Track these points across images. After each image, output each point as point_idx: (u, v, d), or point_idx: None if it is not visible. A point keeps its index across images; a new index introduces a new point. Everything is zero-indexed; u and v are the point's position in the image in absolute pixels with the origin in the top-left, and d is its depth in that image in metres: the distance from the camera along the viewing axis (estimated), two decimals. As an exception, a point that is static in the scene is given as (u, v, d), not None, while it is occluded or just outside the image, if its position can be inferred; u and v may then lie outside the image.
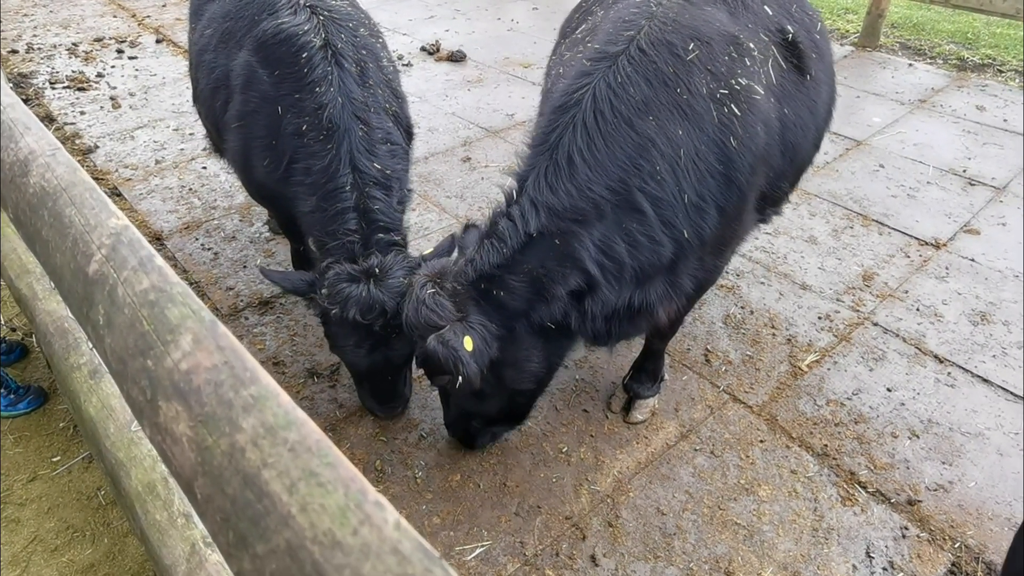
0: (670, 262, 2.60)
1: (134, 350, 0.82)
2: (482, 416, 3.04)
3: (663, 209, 2.47)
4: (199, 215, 5.08)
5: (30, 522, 2.99)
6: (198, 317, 0.83)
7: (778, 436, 3.43)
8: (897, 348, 3.96)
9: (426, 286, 2.61)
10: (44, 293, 2.30)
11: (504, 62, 7.79)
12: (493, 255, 2.50)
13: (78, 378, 1.96)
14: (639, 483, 3.18)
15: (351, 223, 2.94)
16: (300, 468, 0.67)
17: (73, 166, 1.16)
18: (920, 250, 4.79)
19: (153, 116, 6.58)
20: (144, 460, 1.69)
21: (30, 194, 1.12)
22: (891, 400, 3.62)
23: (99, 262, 0.94)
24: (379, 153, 3.06)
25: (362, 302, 2.79)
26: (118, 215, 1.03)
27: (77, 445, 3.33)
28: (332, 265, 2.91)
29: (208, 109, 3.57)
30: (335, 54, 3.08)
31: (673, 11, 2.60)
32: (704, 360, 3.87)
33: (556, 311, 2.58)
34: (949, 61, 7.94)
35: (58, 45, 8.23)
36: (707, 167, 2.48)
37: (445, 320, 2.51)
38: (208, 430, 0.74)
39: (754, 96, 2.56)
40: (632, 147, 2.41)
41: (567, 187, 2.41)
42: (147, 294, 0.86)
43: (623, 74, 2.43)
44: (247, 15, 3.35)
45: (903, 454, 3.33)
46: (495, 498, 3.10)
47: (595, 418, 3.49)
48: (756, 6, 2.86)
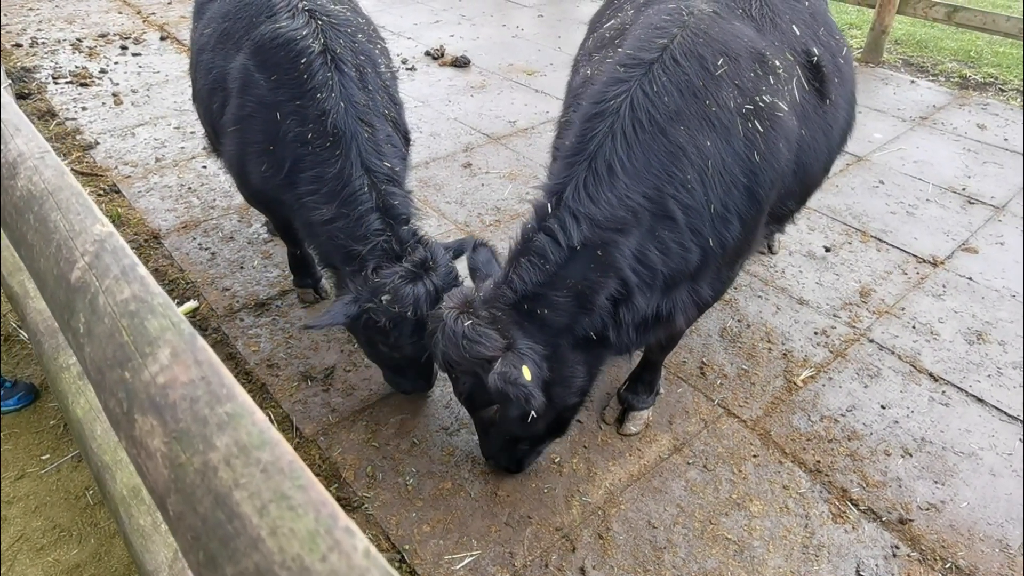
0: (695, 270, 2.63)
1: (112, 361, 0.81)
2: (530, 438, 2.97)
3: (692, 217, 2.49)
4: (197, 214, 5.07)
5: (16, 520, 2.97)
6: (177, 330, 0.82)
7: (771, 451, 3.41)
8: (892, 365, 3.95)
9: (460, 319, 2.53)
10: (35, 291, 2.29)
11: (508, 69, 7.79)
12: (534, 273, 2.46)
13: (67, 378, 1.95)
14: (631, 496, 3.16)
15: (376, 223, 2.96)
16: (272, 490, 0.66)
17: (61, 170, 1.15)
18: (918, 267, 4.78)
19: (155, 114, 6.58)
20: (129, 464, 1.68)
21: (17, 197, 1.11)
22: (885, 417, 3.61)
23: (82, 269, 0.93)
24: (385, 153, 3.09)
25: (431, 296, 2.85)
26: (103, 221, 1.02)
27: (67, 443, 3.32)
28: (377, 271, 2.91)
29: (205, 109, 3.58)
30: (334, 59, 3.07)
31: (704, 23, 2.62)
32: (699, 373, 3.86)
33: (596, 321, 2.55)
34: (951, 79, 7.95)
35: (62, 40, 8.23)
36: (732, 179, 2.52)
37: (492, 350, 2.45)
38: (182, 447, 0.73)
39: (777, 113, 2.60)
40: (666, 155, 2.44)
41: (607, 196, 2.41)
42: (128, 304, 0.85)
43: (659, 83, 2.46)
44: (245, 16, 3.34)
45: (896, 472, 3.32)
46: (486, 507, 3.08)
47: (588, 429, 3.48)
48: (784, 25, 2.89)
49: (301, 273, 4.16)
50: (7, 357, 3.80)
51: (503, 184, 5.56)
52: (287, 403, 3.57)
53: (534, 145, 6.19)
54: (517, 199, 5.37)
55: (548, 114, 6.76)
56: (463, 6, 9.95)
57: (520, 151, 6.08)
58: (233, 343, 3.91)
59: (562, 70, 7.78)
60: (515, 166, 5.83)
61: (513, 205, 5.29)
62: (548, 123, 6.60)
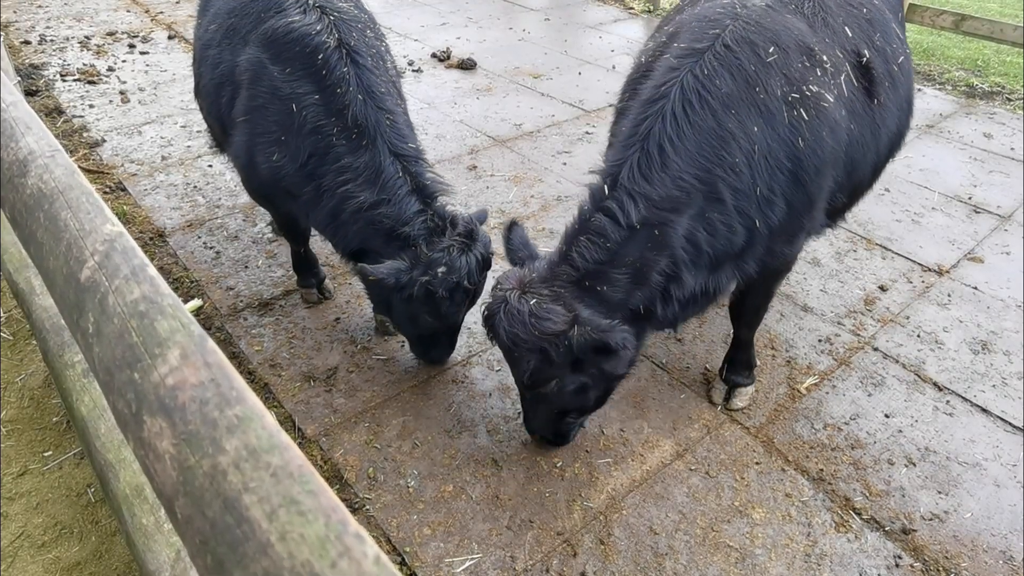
0: (740, 249, 2.75)
1: (121, 361, 0.80)
2: (580, 409, 3.08)
3: (740, 200, 2.62)
4: (202, 213, 5.07)
5: (18, 517, 2.97)
6: (187, 331, 0.81)
7: (774, 459, 3.40)
8: (896, 374, 3.94)
9: (523, 298, 2.63)
10: (42, 288, 2.29)
11: (514, 72, 7.80)
12: (594, 251, 2.60)
13: (71, 376, 1.95)
14: (632, 501, 3.16)
15: (416, 204, 3.12)
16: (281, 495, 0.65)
17: (71, 168, 1.15)
18: (923, 276, 4.77)
19: (161, 112, 6.59)
20: (133, 463, 1.68)
21: (27, 195, 1.10)
22: (889, 426, 3.60)
23: (92, 269, 0.92)
24: (407, 135, 3.22)
25: (480, 265, 3.13)
26: (113, 221, 1.02)
27: (69, 440, 3.31)
28: (433, 246, 3.06)
29: (212, 104, 3.59)
30: (350, 52, 3.13)
31: (756, 14, 2.77)
32: (703, 379, 3.85)
33: (648, 296, 2.71)
34: (958, 87, 7.93)
35: (71, 38, 8.25)
36: (777, 163, 2.63)
37: (560, 324, 2.57)
38: (191, 449, 0.73)
39: (823, 103, 2.70)
40: (716, 138, 2.57)
41: (661, 176, 2.55)
42: (137, 304, 0.84)
43: (709, 67, 2.59)
44: (253, 12, 3.36)
45: (899, 482, 3.30)
46: (487, 511, 3.08)
47: (590, 433, 3.47)
48: (836, 25, 2.99)
49: (305, 273, 4.15)
50: (11, 353, 3.80)
51: (508, 187, 5.56)
52: (289, 403, 3.57)
53: (539, 148, 6.19)
54: (522, 202, 5.37)
55: (553, 117, 6.76)
56: (470, 9, 9.96)
57: (525, 154, 6.08)
58: (236, 342, 3.91)
59: (568, 74, 7.80)
60: (520, 169, 5.83)
61: (518, 208, 5.29)
62: (553, 126, 6.60)
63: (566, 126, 6.61)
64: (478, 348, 3.97)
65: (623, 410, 3.61)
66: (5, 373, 3.67)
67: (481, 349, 3.96)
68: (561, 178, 5.71)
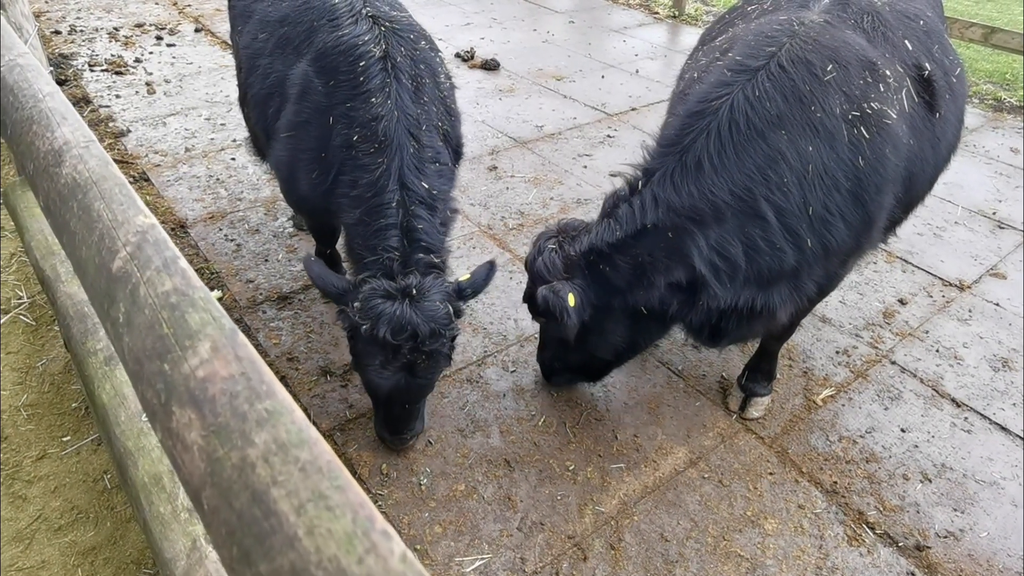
0: (793, 268, 2.77)
1: (151, 352, 0.81)
2: (562, 362, 3.42)
3: (787, 218, 2.65)
4: (224, 206, 5.12)
5: (36, 500, 3.01)
6: (218, 324, 0.82)
7: (788, 469, 3.38)
8: (914, 389, 3.90)
9: (551, 240, 3.00)
10: (67, 276, 2.32)
11: (537, 73, 7.80)
12: (607, 234, 2.79)
13: (93, 363, 1.97)
14: (644, 507, 3.15)
15: (393, 240, 2.89)
16: (310, 489, 0.66)
17: (105, 159, 1.16)
18: (944, 291, 4.72)
19: (186, 104, 6.66)
20: (152, 451, 1.70)
21: (61, 184, 1.12)
22: (905, 441, 3.57)
23: (123, 259, 0.93)
24: (428, 172, 3.02)
25: (394, 321, 2.70)
26: (145, 213, 1.03)
27: (88, 426, 3.36)
28: (368, 279, 2.85)
29: (259, 115, 3.54)
30: (394, 67, 3.04)
31: (815, 31, 2.78)
32: (719, 387, 3.83)
33: (653, 298, 2.83)
34: (985, 101, 7.84)
35: (100, 29, 8.35)
36: (834, 183, 2.65)
37: (551, 277, 2.88)
38: (220, 441, 0.73)
39: (885, 121, 2.70)
40: (762, 158, 2.60)
41: (690, 188, 2.64)
42: (169, 296, 0.85)
43: (761, 88, 2.63)
44: (305, 21, 3.31)
45: (914, 497, 3.27)
46: (498, 511, 3.08)
47: (604, 438, 3.47)
48: (896, 39, 3.00)
49: (325, 270, 4.17)
50: (33, 339, 3.86)
51: (527, 188, 5.56)
52: (305, 397, 3.59)
53: (560, 150, 6.19)
54: (541, 204, 5.37)
55: (575, 120, 6.76)
56: (495, 9, 9.98)
57: (546, 156, 6.08)
58: (255, 335, 3.94)
59: (591, 77, 7.79)
60: (540, 171, 5.83)
61: (537, 210, 5.29)
62: (575, 129, 6.59)
63: (588, 129, 6.61)
64: (493, 348, 3.98)
65: (637, 416, 3.60)
66: (27, 358, 3.72)
67: (496, 349, 3.97)
68: (581, 181, 5.70)
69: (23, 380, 3.58)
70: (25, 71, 1.51)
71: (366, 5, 3.26)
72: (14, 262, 4.42)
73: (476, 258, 4.70)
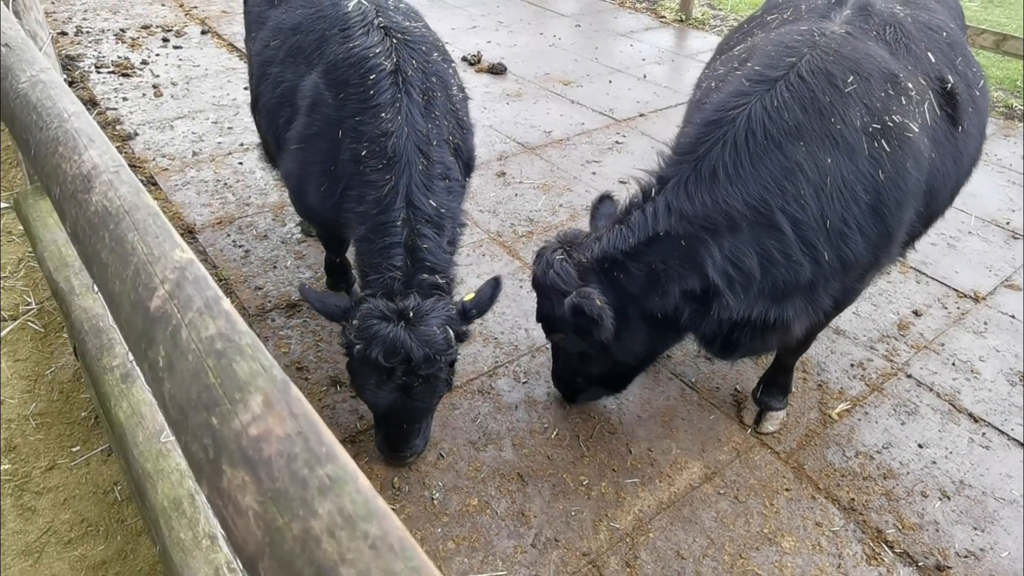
0: (809, 282, 2.74)
1: (197, 403, 0.77)
2: (584, 376, 3.32)
3: (803, 231, 2.62)
4: (232, 211, 5.08)
5: (45, 512, 2.97)
6: (269, 375, 0.77)
7: (804, 486, 3.34)
8: (930, 403, 3.86)
9: (558, 251, 2.94)
10: (82, 289, 2.28)
11: (544, 78, 7.76)
12: (619, 240, 2.78)
13: (110, 380, 1.93)
14: (660, 524, 3.11)
15: (396, 259, 2.85)
16: (383, 570, 0.61)
17: (136, 187, 1.12)
18: (958, 302, 4.68)
19: (193, 107, 6.62)
20: (172, 474, 1.66)
21: (91, 212, 1.07)
22: (922, 457, 3.52)
23: (162, 298, 0.88)
24: (436, 189, 2.97)
25: (388, 344, 2.66)
26: (183, 247, 0.99)
27: (97, 436, 3.32)
28: (368, 298, 2.82)
29: (270, 123, 3.50)
30: (405, 81, 2.99)
31: (836, 42, 2.75)
32: (733, 400, 3.79)
33: (667, 305, 2.80)
34: (996, 108, 7.80)
35: (106, 30, 8.32)
36: (853, 196, 2.61)
37: (568, 286, 2.82)
38: (279, 509, 0.68)
39: (907, 134, 2.67)
40: (779, 169, 2.57)
41: (704, 198, 2.62)
42: (214, 342, 0.80)
43: (780, 99, 2.60)
44: (317, 29, 3.26)
45: (933, 515, 3.23)
46: (512, 527, 3.04)
47: (618, 452, 3.43)
48: (918, 51, 2.96)
49: (336, 277, 4.14)
50: (41, 346, 3.82)
51: (536, 195, 5.53)
52: (315, 408, 3.54)
53: (569, 156, 6.15)
54: (550, 210, 5.33)
55: (583, 125, 6.72)
56: (500, 12, 9.94)
57: (554, 162, 6.04)
58: (264, 344, 3.90)
59: (599, 81, 7.75)
60: (549, 177, 5.79)
61: (546, 217, 5.25)
62: (583, 134, 6.56)
63: (596, 135, 6.57)
64: (504, 359, 3.94)
65: (651, 429, 3.56)
66: (35, 366, 3.68)
67: (508, 360, 3.93)
68: (590, 188, 5.66)
69: (32, 388, 3.55)
70: (48, 88, 1.47)
71: (379, 15, 3.22)
72: (22, 267, 4.38)
73: (486, 266, 4.66)
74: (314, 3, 3.43)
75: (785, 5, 3.41)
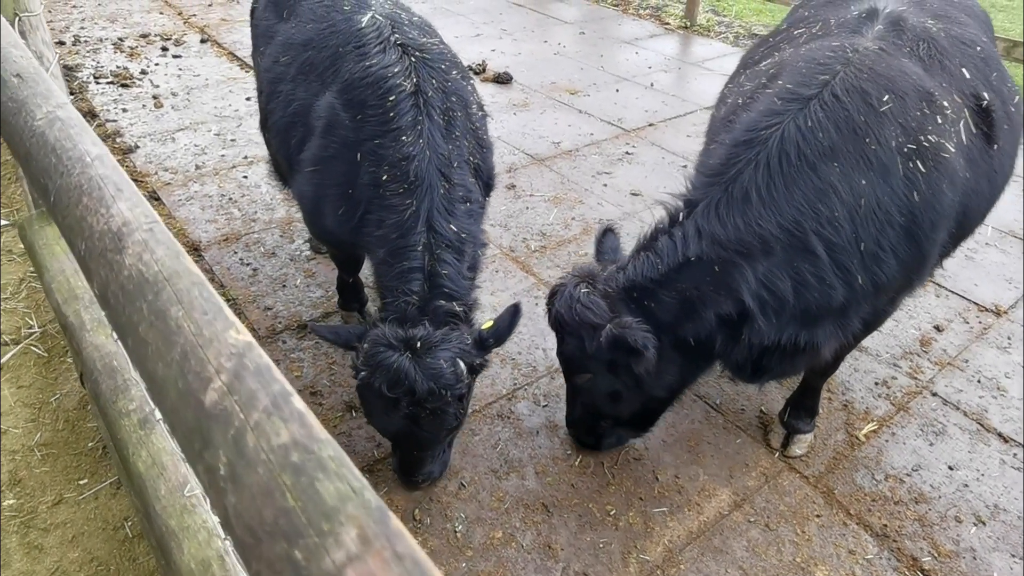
0: (841, 305, 2.66)
1: (273, 529, 0.64)
2: (612, 416, 3.12)
3: (837, 254, 2.54)
4: (238, 227, 4.96)
5: (53, 550, 2.86)
6: (361, 500, 0.64)
7: (835, 511, 3.24)
8: (958, 422, 3.76)
9: (580, 285, 2.79)
10: (93, 324, 2.16)
11: (551, 87, 7.66)
12: (648, 268, 2.67)
13: (126, 426, 1.82)
14: (691, 555, 3.00)
15: (414, 284, 2.77)
16: None
17: (175, 249, 0.99)
18: (980, 316, 4.59)
19: (195, 119, 6.51)
20: (199, 532, 1.55)
21: (124, 276, 0.95)
22: (953, 480, 3.43)
23: (219, 392, 0.76)
24: (457, 213, 2.88)
25: (391, 374, 2.57)
26: (237, 326, 0.86)
27: (105, 468, 3.20)
28: (379, 323, 2.75)
29: (281, 143, 3.39)
30: (426, 103, 2.90)
31: (870, 59, 2.66)
32: (759, 422, 3.69)
33: (701, 331, 2.70)
34: (1006, 115, 7.73)
35: (104, 39, 8.20)
36: (887, 218, 2.54)
37: (600, 319, 2.68)
38: None
39: (943, 154, 2.59)
40: (813, 191, 2.50)
41: (736, 221, 2.54)
42: (288, 453, 0.68)
43: (814, 119, 2.52)
44: (330, 46, 3.16)
45: (969, 542, 3.13)
46: (539, 560, 2.93)
47: (644, 479, 3.32)
48: (952, 67, 2.87)
49: (348, 296, 4.03)
50: (45, 371, 3.70)
51: (548, 208, 5.42)
52: (331, 435, 3.44)
53: (579, 168, 6.05)
54: (563, 224, 5.23)
55: (592, 136, 6.62)
56: (504, 20, 9.84)
57: (564, 173, 5.94)
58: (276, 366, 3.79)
59: (605, 90, 7.66)
60: (560, 189, 5.69)
61: (559, 231, 5.15)
62: (592, 145, 6.46)
63: (605, 145, 6.47)
64: (523, 381, 3.83)
65: (677, 454, 3.46)
66: (39, 393, 3.57)
67: (526, 382, 3.82)
68: (602, 200, 5.56)
69: (36, 417, 3.43)
70: (67, 126, 1.35)
71: (394, 31, 3.11)
72: (23, 288, 4.26)
73: (499, 283, 4.56)
74: (326, 17, 3.32)
75: (812, 19, 3.32)
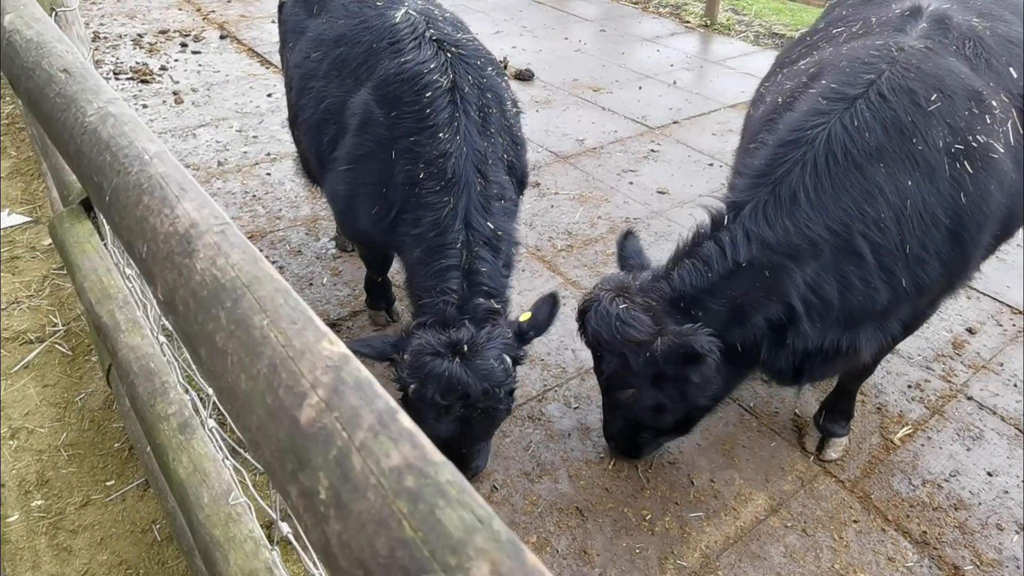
0: (883, 308, 2.60)
1: (390, 563, 0.57)
2: (655, 428, 3.04)
3: (883, 256, 2.50)
4: (263, 224, 4.93)
5: (82, 553, 2.82)
6: (490, 531, 0.57)
7: (873, 517, 3.17)
8: (995, 427, 3.68)
9: (616, 301, 2.65)
10: (127, 324, 2.12)
11: (573, 84, 7.59)
12: (695, 277, 2.57)
13: (165, 431, 1.78)
14: (728, 560, 2.95)
15: (453, 282, 2.73)
16: None
17: (252, 253, 0.93)
18: (1013, 319, 4.50)
19: (216, 115, 6.48)
20: (245, 543, 1.50)
21: (196, 282, 0.89)
22: (993, 486, 3.35)
23: (316, 409, 0.69)
24: (493, 210, 2.85)
25: (444, 381, 2.53)
26: (330, 336, 0.80)
27: (132, 470, 3.17)
28: (417, 331, 2.68)
29: (312, 140, 3.34)
30: (463, 99, 2.85)
31: (916, 58, 2.60)
32: (793, 425, 3.62)
33: (749, 337, 2.62)
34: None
35: (124, 35, 8.19)
36: (933, 220, 2.48)
37: (643, 334, 2.57)
38: None
39: (991, 155, 2.53)
40: (859, 192, 2.45)
41: (784, 223, 2.47)
42: (402, 477, 0.61)
43: (860, 119, 2.47)
44: (364, 42, 3.11)
45: (1012, 550, 3.06)
46: (575, 566, 2.88)
47: (679, 483, 3.26)
48: (1000, 66, 2.80)
49: (376, 295, 3.98)
50: (70, 370, 3.67)
51: (573, 206, 5.36)
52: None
53: (603, 166, 5.98)
54: (589, 223, 5.17)
55: (616, 133, 6.55)
56: (524, 17, 9.77)
57: (589, 171, 5.87)
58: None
59: (628, 88, 7.58)
60: (585, 188, 5.63)
61: (585, 229, 5.09)
62: (617, 143, 6.39)
63: (630, 143, 6.40)
64: (553, 382, 3.78)
65: (712, 458, 3.40)
66: (65, 392, 3.54)
67: (556, 383, 3.77)
68: (628, 199, 5.50)
69: (62, 417, 3.40)
70: (120, 123, 1.30)
71: (429, 27, 3.06)
72: (47, 285, 4.24)
73: (526, 282, 4.50)
74: (358, 13, 3.27)
75: (852, 18, 3.25)
